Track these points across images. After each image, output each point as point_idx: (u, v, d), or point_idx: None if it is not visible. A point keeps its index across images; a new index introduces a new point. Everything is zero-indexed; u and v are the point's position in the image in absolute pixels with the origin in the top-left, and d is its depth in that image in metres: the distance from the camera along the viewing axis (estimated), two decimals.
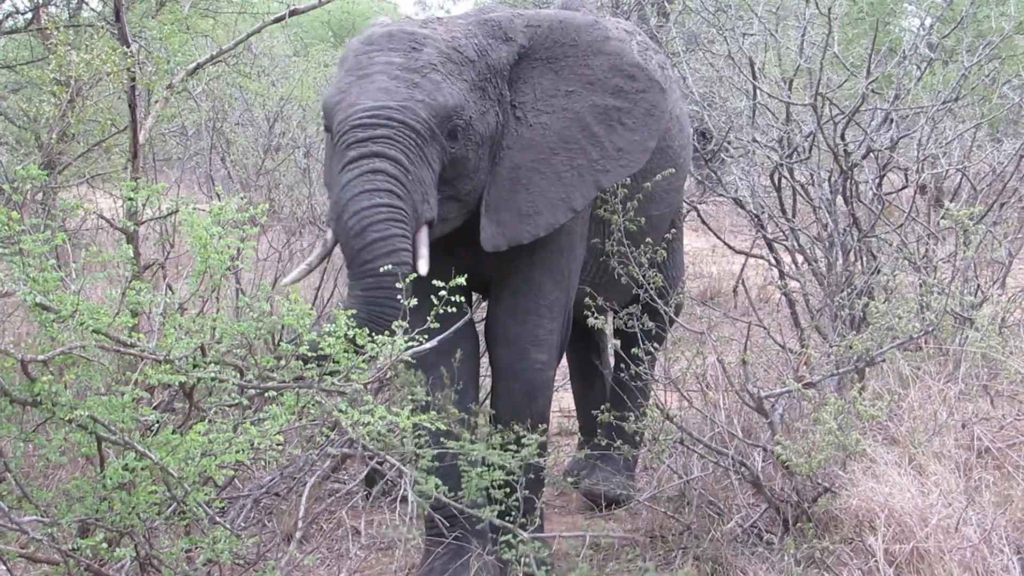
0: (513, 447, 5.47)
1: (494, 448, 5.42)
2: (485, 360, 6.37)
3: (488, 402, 6.10)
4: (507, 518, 5.42)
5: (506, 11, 6.01)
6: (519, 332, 5.90)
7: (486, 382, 6.53)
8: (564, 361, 7.40)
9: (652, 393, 6.91)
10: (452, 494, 5.18)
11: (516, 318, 5.91)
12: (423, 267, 5.13)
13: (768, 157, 8.85)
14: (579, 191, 5.82)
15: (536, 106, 5.83)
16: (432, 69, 5.40)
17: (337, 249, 5.30)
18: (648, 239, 6.22)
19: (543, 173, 5.77)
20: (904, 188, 9.24)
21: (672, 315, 6.55)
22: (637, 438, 6.78)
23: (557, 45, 5.91)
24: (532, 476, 5.74)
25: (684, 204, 9.68)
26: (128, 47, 6.49)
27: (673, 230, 7.06)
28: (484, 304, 6.40)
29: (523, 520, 5.43)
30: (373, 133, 5.18)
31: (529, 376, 5.89)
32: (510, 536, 5.34)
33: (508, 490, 5.39)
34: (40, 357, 4.02)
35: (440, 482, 5.00)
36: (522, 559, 5.26)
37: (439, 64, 5.44)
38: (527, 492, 5.58)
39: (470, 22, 5.80)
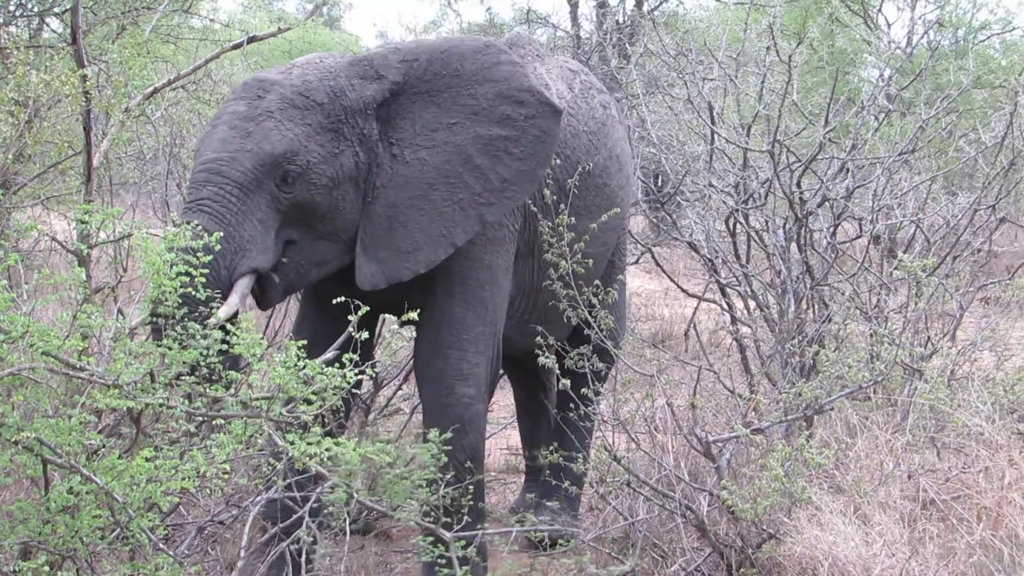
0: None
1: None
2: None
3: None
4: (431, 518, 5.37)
5: (384, 48, 6.00)
6: (443, 368, 5.89)
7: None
8: (512, 398, 7.38)
9: (596, 433, 6.92)
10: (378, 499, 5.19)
11: (439, 354, 5.90)
12: (223, 312, 5.03)
13: (724, 202, 8.89)
14: (460, 226, 5.78)
15: (415, 141, 5.79)
16: (268, 116, 5.41)
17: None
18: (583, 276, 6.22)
19: (422, 209, 5.74)
20: (858, 238, 9.28)
21: (615, 353, 6.55)
22: (583, 478, 6.78)
23: (438, 77, 5.86)
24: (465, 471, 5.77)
25: (639, 246, 9.72)
26: (84, 68, 6.46)
27: (615, 271, 7.07)
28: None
29: (448, 520, 5.38)
30: (199, 195, 5.25)
31: (456, 411, 5.86)
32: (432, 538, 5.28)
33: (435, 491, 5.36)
34: None
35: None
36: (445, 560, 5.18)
37: (276, 111, 5.44)
38: (457, 491, 5.54)
39: (339, 63, 5.79)
